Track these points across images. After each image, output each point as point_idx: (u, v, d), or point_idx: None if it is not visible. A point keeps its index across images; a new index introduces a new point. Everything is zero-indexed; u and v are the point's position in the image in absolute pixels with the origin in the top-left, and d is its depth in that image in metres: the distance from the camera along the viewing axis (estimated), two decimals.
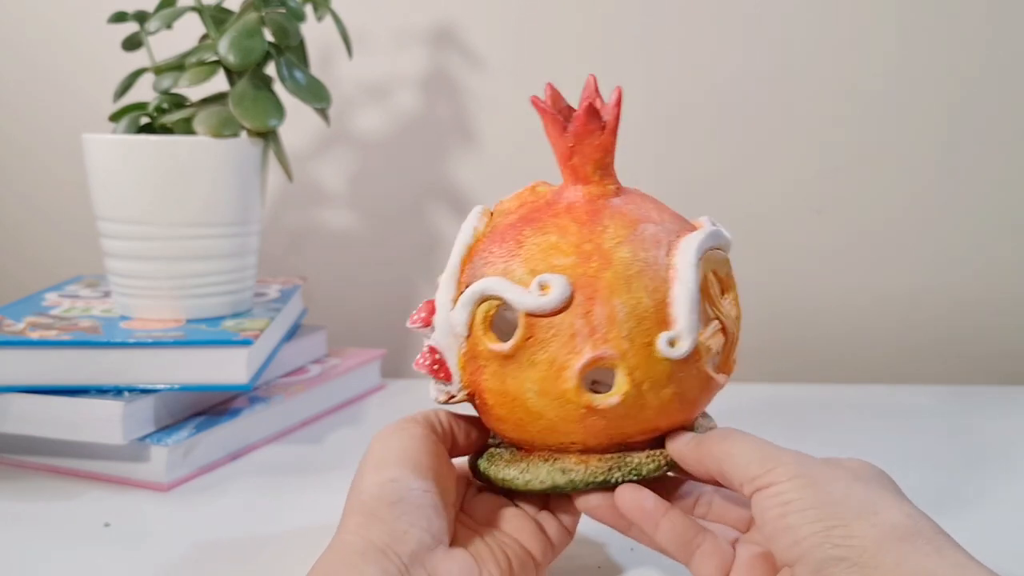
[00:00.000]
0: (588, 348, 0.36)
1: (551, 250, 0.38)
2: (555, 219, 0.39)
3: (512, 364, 0.37)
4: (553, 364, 0.37)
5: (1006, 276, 0.81)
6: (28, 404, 0.55)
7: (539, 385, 0.37)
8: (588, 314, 0.36)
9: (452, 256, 0.40)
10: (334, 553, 0.34)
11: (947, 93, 0.79)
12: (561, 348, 0.37)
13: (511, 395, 0.38)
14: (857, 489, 0.34)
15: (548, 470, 0.39)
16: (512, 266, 0.38)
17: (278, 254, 0.85)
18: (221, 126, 0.60)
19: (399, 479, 0.36)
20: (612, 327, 0.36)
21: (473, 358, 0.38)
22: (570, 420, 0.38)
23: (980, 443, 0.63)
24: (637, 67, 0.81)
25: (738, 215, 0.82)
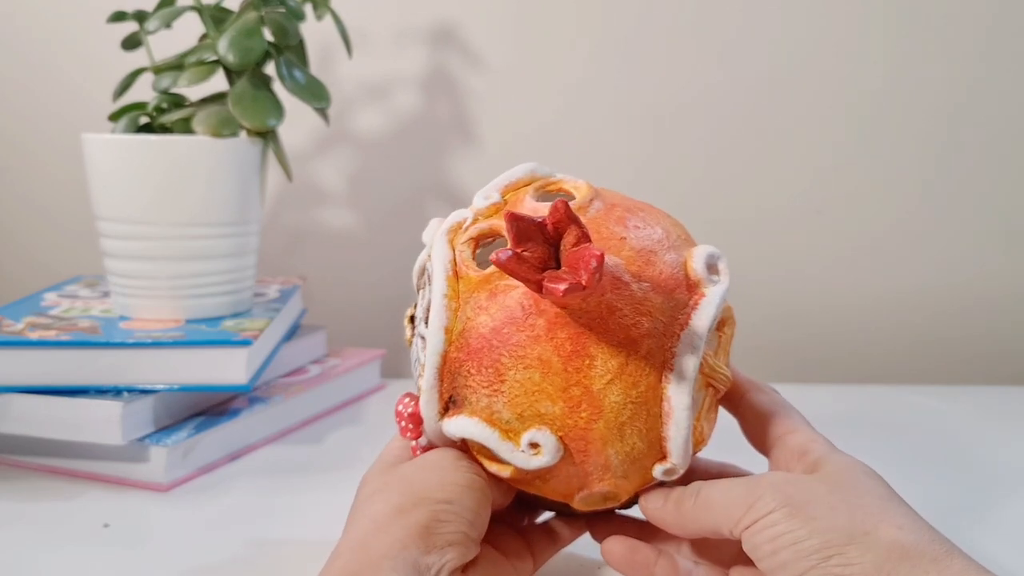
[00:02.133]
0: (586, 485, 0.37)
1: (537, 393, 0.35)
2: (535, 346, 0.35)
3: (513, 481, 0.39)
4: (554, 491, 0.38)
5: (1006, 276, 0.81)
6: (28, 404, 0.55)
7: (541, 496, 0.39)
8: (583, 463, 0.36)
9: (427, 367, 0.37)
10: (365, 548, 0.33)
11: (947, 94, 0.79)
12: (559, 484, 0.37)
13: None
14: (846, 506, 0.33)
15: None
16: (496, 406, 0.36)
17: (278, 254, 0.85)
18: (220, 126, 0.60)
19: (455, 503, 0.35)
20: (607, 472, 0.36)
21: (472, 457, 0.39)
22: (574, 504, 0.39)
23: (981, 443, 0.63)
24: (636, 67, 0.81)
25: (738, 216, 0.82)
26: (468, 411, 0.36)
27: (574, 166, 0.80)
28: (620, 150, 0.82)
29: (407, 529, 0.33)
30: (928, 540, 0.32)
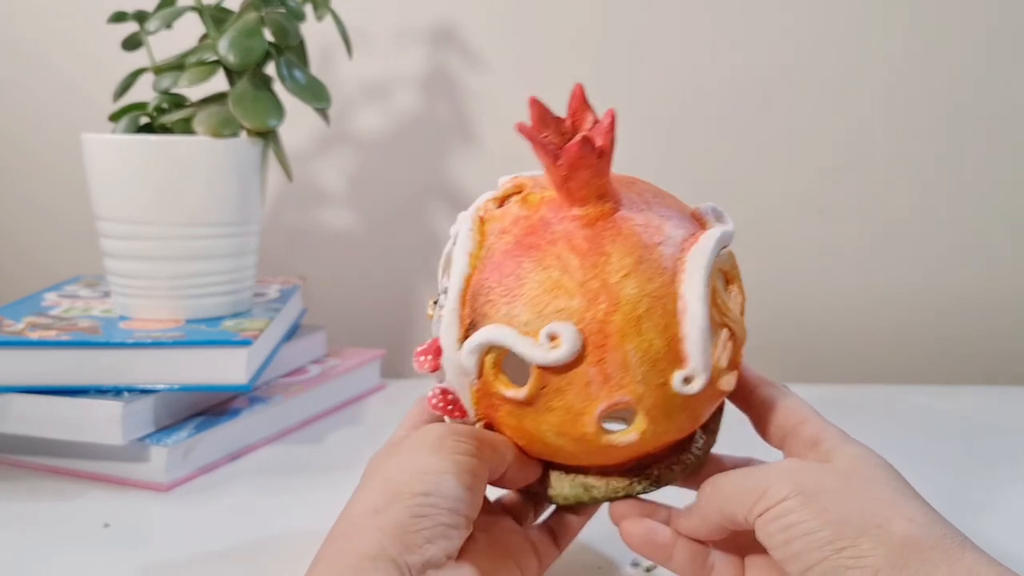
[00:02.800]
0: (604, 395, 0.36)
1: (555, 290, 0.36)
2: (553, 247, 0.37)
3: (528, 409, 0.37)
4: (570, 410, 0.36)
5: (1007, 276, 0.81)
6: (28, 404, 0.55)
7: (557, 428, 0.37)
8: (601, 362, 0.35)
9: (450, 291, 0.38)
10: (343, 553, 0.33)
11: (948, 93, 0.79)
12: (577, 396, 0.36)
13: (529, 433, 0.38)
14: (858, 497, 0.33)
15: (571, 485, 0.40)
16: (515, 310, 0.36)
17: (278, 254, 0.85)
18: (221, 126, 0.60)
19: (432, 493, 0.34)
20: (626, 373, 0.35)
21: (486, 395, 0.38)
22: (590, 453, 0.38)
23: (981, 444, 0.63)
24: (637, 66, 0.81)
25: (738, 215, 0.82)
26: (486, 324, 0.37)
27: None
28: (620, 150, 0.81)
29: (383, 530, 0.33)
30: (940, 534, 0.32)
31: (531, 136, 0.37)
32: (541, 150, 0.37)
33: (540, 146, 0.36)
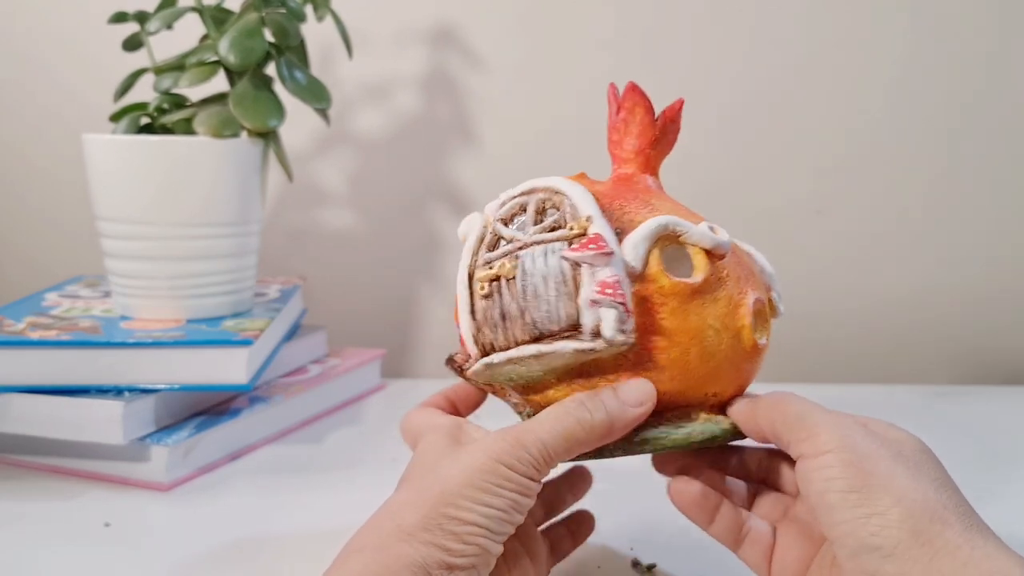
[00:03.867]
0: (750, 290, 0.39)
1: (677, 211, 0.40)
2: (648, 194, 0.41)
3: (696, 300, 0.37)
4: (731, 301, 0.38)
5: (1007, 276, 0.82)
6: (28, 404, 0.55)
7: (721, 321, 0.37)
8: (740, 263, 0.39)
9: (584, 202, 0.38)
10: (386, 554, 0.33)
11: (949, 93, 0.79)
12: (735, 287, 0.38)
13: (691, 333, 0.37)
14: (899, 472, 0.34)
15: (698, 426, 0.38)
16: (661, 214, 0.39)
17: (278, 254, 0.85)
18: (221, 126, 0.60)
19: (486, 527, 0.34)
20: (752, 276, 0.40)
21: (645, 298, 0.37)
22: (736, 361, 0.38)
23: (981, 444, 0.63)
24: (637, 67, 0.81)
25: (738, 215, 0.82)
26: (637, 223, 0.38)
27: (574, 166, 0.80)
28: None
29: (430, 546, 0.33)
30: (967, 522, 0.33)
31: (639, 92, 0.42)
32: (645, 105, 0.42)
33: (645, 102, 0.42)
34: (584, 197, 0.38)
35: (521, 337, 0.36)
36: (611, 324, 0.35)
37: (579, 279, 0.35)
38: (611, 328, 0.35)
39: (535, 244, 0.37)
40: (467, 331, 0.38)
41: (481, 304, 0.37)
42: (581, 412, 0.36)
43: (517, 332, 0.36)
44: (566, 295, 0.36)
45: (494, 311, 0.37)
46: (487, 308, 0.37)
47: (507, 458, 0.34)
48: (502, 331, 0.37)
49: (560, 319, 0.36)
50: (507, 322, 0.37)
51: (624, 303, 0.35)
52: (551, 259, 0.36)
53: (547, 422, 0.35)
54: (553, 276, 0.36)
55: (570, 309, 0.35)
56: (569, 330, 0.35)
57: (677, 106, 0.41)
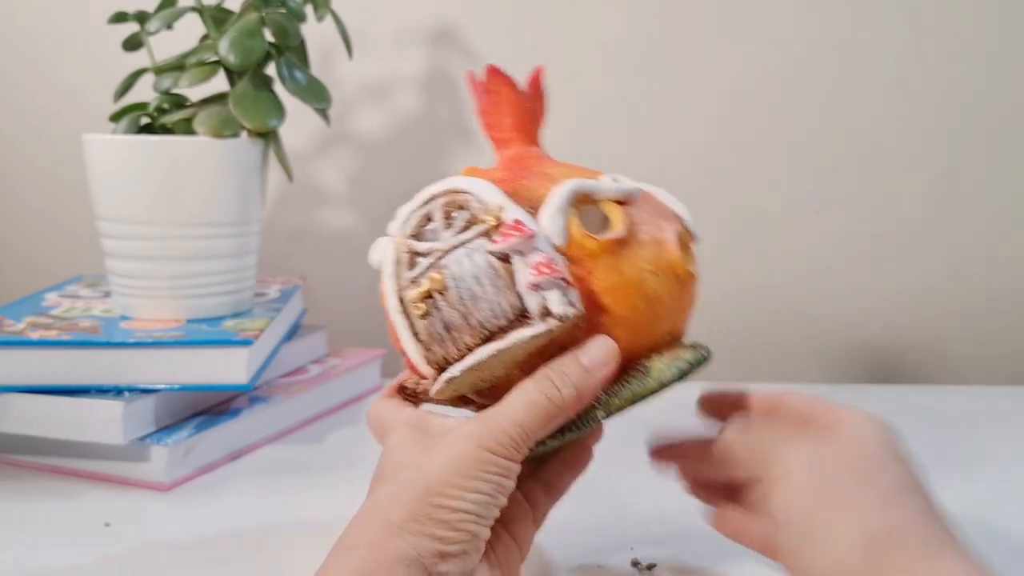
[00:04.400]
0: (667, 225, 0.39)
1: (576, 172, 0.40)
2: (542, 164, 0.41)
3: (625, 251, 0.37)
4: (655, 241, 0.38)
5: (1007, 276, 0.81)
6: (29, 404, 0.55)
7: (654, 263, 0.38)
8: (647, 203, 0.40)
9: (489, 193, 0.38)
10: (378, 551, 0.33)
11: (949, 93, 0.79)
12: (654, 227, 0.39)
13: (632, 284, 0.37)
14: (856, 493, 0.34)
15: (663, 365, 0.38)
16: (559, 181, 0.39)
17: (278, 254, 0.85)
18: (221, 126, 0.60)
19: (472, 511, 0.34)
20: (663, 211, 0.40)
21: (576, 263, 0.37)
22: (678, 295, 0.39)
23: (981, 443, 0.63)
24: (638, 67, 0.81)
25: (738, 215, 0.82)
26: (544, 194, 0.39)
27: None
28: (620, 150, 0.82)
29: (421, 537, 0.33)
30: (925, 535, 0.33)
31: (501, 73, 0.42)
32: (511, 88, 0.43)
33: (511, 84, 0.43)
34: (487, 188, 0.38)
35: (472, 342, 0.36)
36: (557, 301, 0.35)
37: (511, 268, 0.36)
38: (558, 305, 0.35)
39: (455, 248, 0.37)
40: (415, 354, 0.38)
41: (421, 324, 0.37)
42: (547, 386, 0.36)
43: (467, 339, 0.36)
44: (504, 287, 0.36)
45: (437, 326, 0.37)
46: (429, 325, 0.37)
47: (489, 443, 0.35)
48: (451, 342, 0.37)
49: (505, 312, 0.35)
50: (453, 332, 0.36)
51: (564, 278, 0.35)
52: (477, 258, 0.36)
53: (518, 402, 0.36)
54: (484, 274, 0.36)
55: (512, 299, 0.35)
56: (517, 320, 0.35)
57: (536, 74, 0.42)
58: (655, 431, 0.43)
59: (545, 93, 0.42)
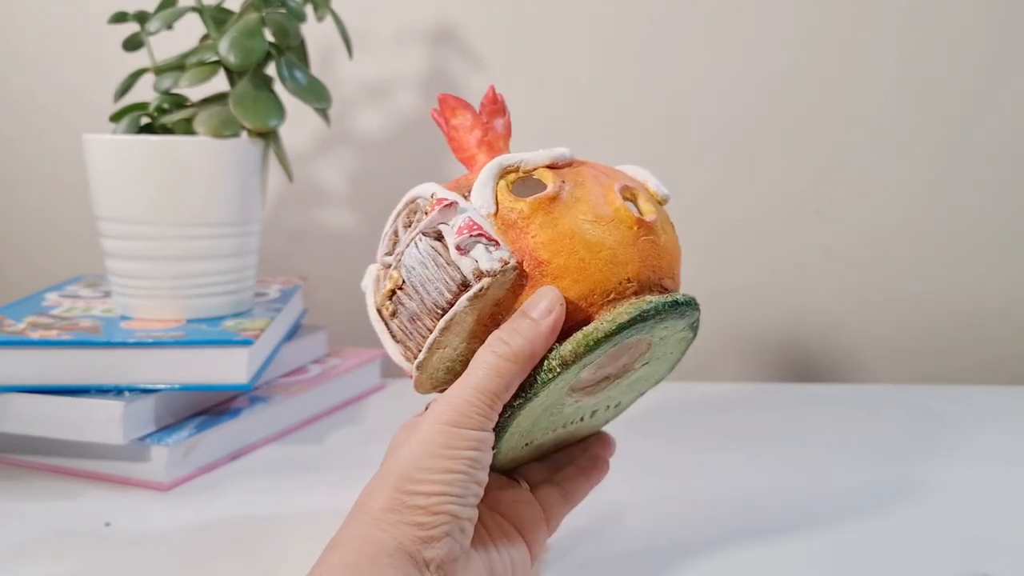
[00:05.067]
0: (613, 183, 0.39)
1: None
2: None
3: (559, 206, 0.38)
4: (596, 192, 0.39)
5: (1007, 277, 0.82)
6: (29, 403, 0.55)
7: (592, 213, 0.38)
8: (596, 169, 0.40)
9: (431, 189, 0.40)
10: (362, 546, 0.33)
11: (951, 96, 0.79)
12: (593, 183, 0.39)
13: (569, 234, 0.37)
14: None
15: (622, 308, 0.38)
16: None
17: (278, 254, 0.85)
18: (222, 126, 0.60)
19: (448, 493, 0.35)
20: (617, 175, 0.41)
21: (510, 227, 0.38)
22: (629, 241, 0.38)
23: (981, 443, 0.63)
24: (637, 67, 0.81)
25: (738, 215, 0.82)
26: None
27: None
28: (620, 150, 0.82)
29: (401, 526, 0.34)
30: None
31: (453, 98, 0.43)
32: (467, 108, 0.43)
33: (466, 106, 0.43)
34: (431, 186, 0.39)
35: (433, 324, 0.37)
36: (484, 257, 0.36)
37: (447, 245, 0.37)
38: (486, 260, 0.36)
39: (407, 245, 0.38)
40: (397, 356, 0.39)
41: (394, 324, 0.39)
42: (498, 345, 0.36)
43: (428, 323, 0.38)
44: (444, 264, 0.37)
45: (404, 320, 0.38)
46: (399, 323, 0.39)
47: (452, 416, 0.35)
48: (418, 332, 0.38)
49: (451, 287, 0.37)
50: (418, 322, 0.38)
51: (483, 233, 0.37)
52: (421, 245, 0.38)
53: (472, 370, 0.36)
54: (428, 257, 0.37)
55: (453, 273, 0.37)
56: (460, 290, 0.37)
57: (489, 91, 0.43)
58: None
59: (504, 106, 0.43)
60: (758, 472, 0.58)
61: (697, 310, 0.40)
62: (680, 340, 0.41)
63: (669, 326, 0.39)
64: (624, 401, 0.44)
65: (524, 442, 0.41)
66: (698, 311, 0.40)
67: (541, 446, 0.43)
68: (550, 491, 0.42)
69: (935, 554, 0.46)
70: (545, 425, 0.41)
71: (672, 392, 0.76)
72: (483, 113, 0.43)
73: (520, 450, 0.41)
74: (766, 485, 0.56)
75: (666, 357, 0.42)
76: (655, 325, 0.38)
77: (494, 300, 0.37)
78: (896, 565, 0.45)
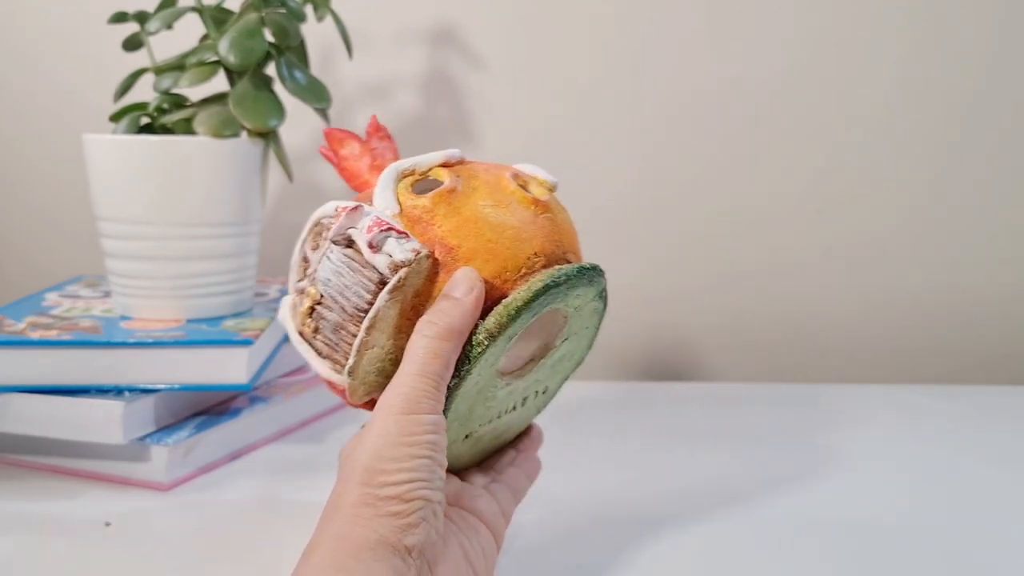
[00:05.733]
0: (498, 171, 0.42)
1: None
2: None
3: (458, 197, 0.40)
4: (490, 181, 0.41)
5: (1007, 276, 0.82)
6: (29, 403, 0.55)
7: (491, 198, 0.40)
8: (476, 164, 0.43)
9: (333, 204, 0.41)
10: (342, 543, 0.34)
11: (951, 95, 0.79)
12: (487, 173, 0.41)
13: (472, 219, 0.39)
14: None
15: (537, 278, 0.39)
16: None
17: (279, 254, 0.85)
18: (221, 126, 0.60)
19: (416, 480, 0.35)
20: (507, 168, 0.42)
21: (416, 222, 0.39)
22: (530, 219, 0.40)
23: (981, 444, 0.63)
24: (637, 67, 0.81)
25: (738, 215, 0.82)
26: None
27: (574, 166, 0.80)
28: (621, 150, 0.82)
29: (376, 519, 0.34)
30: None
31: (338, 131, 0.45)
32: (353, 138, 0.45)
33: (353, 137, 0.45)
34: (332, 203, 0.41)
35: (356, 329, 0.38)
36: (396, 249, 0.38)
37: (359, 247, 0.38)
38: (399, 251, 0.37)
39: (319, 262, 0.40)
40: (327, 371, 0.40)
41: (318, 340, 0.40)
42: (427, 328, 0.37)
43: (352, 328, 0.38)
44: (359, 267, 0.38)
45: (328, 333, 0.39)
46: (323, 338, 0.40)
47: (403, 405, 0.36)
48: (344, 341, 0.39)
49: (369, 287, 0.38)
50: (342, 331, 0.39)
51: (392, 227, 0.38)
52: (333, 256, 0.39)
53: (409, 357, 0.37)
54: (342, 265, 0.38)
55: (369, 273, 0.38)
56: (379, 288, 0.38)
57: (372, 120, 0.46)
58: None
59: (385, 132, 0.46)
60: (757, 472, 0.58)
61: (603, 277, 0.42)
62: (593, 312, 0.43)
63: (581, 294, 0.41)
64: (551, 386, 0.46)
65: (464, 432, 0.42)
66: (604, 279, 0.42)
67: (480, 440, 0.44)
68: (499, 488, 0.44)
69: (934, 555, 0.46)
70: (481, 413, 0.42)
71: (673, 392, 0.76)
72: (369, 140, 0.45)
73: (460, 443, 0.42)
74: (764, 485, 0.56)
75: (583, 332, 0.44)
76: (567, 292, 0.40)
77: (414, 290, 0.38)
78: (895, 565, 0.45)
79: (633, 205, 0.83)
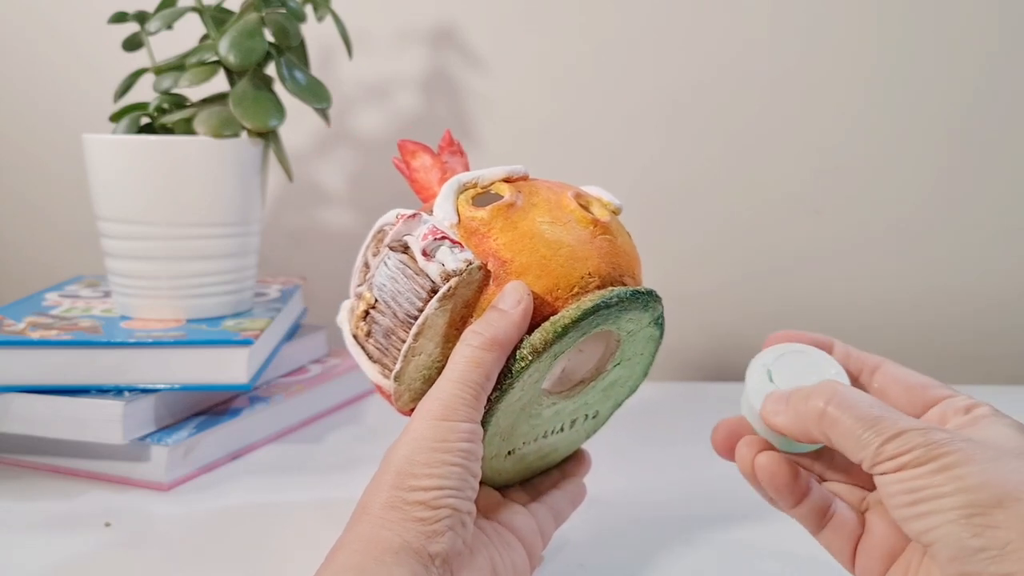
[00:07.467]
0: (559, 189, 0.42)
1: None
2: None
3: (517, 212, 0.40)
4: (550, 199, 0.41)
5: (1007, 277, 0.82)
6: (29, 403, 0.55)
7: (549, 215, 0.40)
8: (538, 181, 0.43)
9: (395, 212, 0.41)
10: (366, 546, 0.33)
11: (949, 94, 0.79)
12: (548, 192, 0.41)
13: (528, 235, 0.39)
14: (996, 471, 0.30)
15: (588, 298, 0.38)
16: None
17: (279, 254, 0.85)
18: (221, 126, 0.60)
19: (445, 487, 0.35)
20: (571, 188, 0.42)
21: (472, 234, 0.39)
22: (586, 239, 0.40)
23: None
24: (637, 66, 0.81)
25: (738, 215, 0.82)
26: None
27: (574, 166, 0.80)
28: (621, 150, 0.82)
29: (402, 524, 0.34)
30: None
31: (411, 143, 0.45)
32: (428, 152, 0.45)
33: (428, 151, 0.45)
34: (395, 211, 0.41)
35: (406, 335, 0.38)
36: (449, 258, 0.38)
37: (414, 256, 0.38)
38: (451, 260, 0.38)
39: (376, 268, 0.40)
40: (376, 375, 0.40)
41: (370, 344, 0.40)
42: (472, 338, 0.37)
43: (402, 335, 0.39)
44: (413, 274, 0.38)
45: (379, 337, 0.40)
46: (374, 342, 0.40)
47: (441, 411, 0.36)
48: (393, 347, 0.39)
49: (421, 294, 0.38)
50: (392, 336, 0.39)
51: (446, 236, 0.38)
52: (390, 262, 0.39)
53: (452, 365, 0.37)
54: (396, 271, 0.39)
55: (422, 281, 0.38)
56: (430, 296, 0.38)
57: (445, 135, 0.46)
58: None
59: (457, 146, 0.46)
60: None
61: (660, 303, 0.41)
62: (648, 339, 0.42)
63: (634, 318, 0.40)
64: (602, 411, 0.45)
65: (507, 448, 0.41)
66: (661, 305, 0.41)
67: (524, 458, 0.43)
68: (539, 508, 0.43)
69: None
70: (526, 431, 0.41)
71: (672, 392, 0.76)
72: (441, 154, 0.45)
73: (503, 459, 0.42)
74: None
75: (637, 358, 0.43)
76: (619, 315, 0.39)
77: (463, 301, 0.38)
78: None
79: (633, 205, 0.82)
